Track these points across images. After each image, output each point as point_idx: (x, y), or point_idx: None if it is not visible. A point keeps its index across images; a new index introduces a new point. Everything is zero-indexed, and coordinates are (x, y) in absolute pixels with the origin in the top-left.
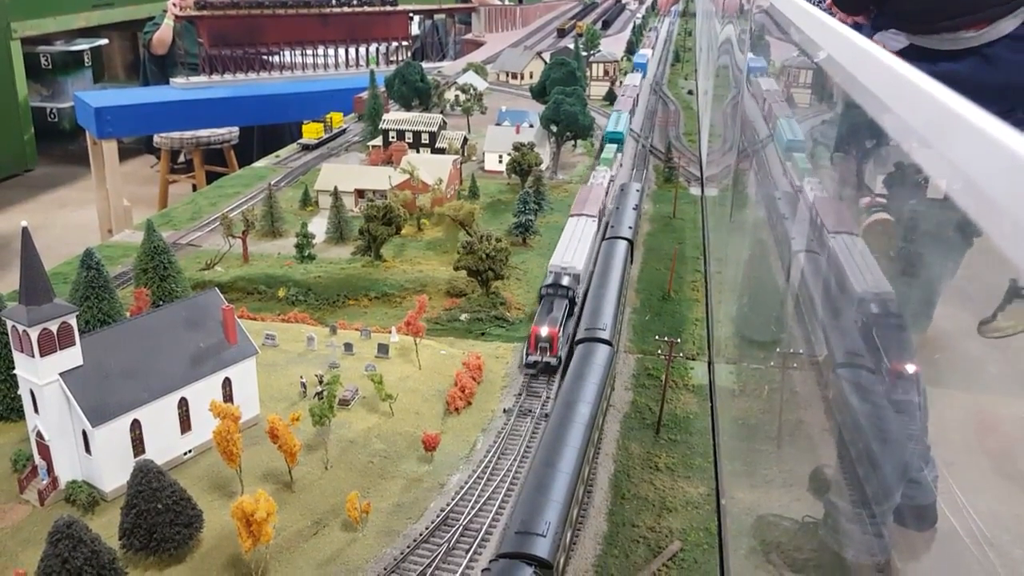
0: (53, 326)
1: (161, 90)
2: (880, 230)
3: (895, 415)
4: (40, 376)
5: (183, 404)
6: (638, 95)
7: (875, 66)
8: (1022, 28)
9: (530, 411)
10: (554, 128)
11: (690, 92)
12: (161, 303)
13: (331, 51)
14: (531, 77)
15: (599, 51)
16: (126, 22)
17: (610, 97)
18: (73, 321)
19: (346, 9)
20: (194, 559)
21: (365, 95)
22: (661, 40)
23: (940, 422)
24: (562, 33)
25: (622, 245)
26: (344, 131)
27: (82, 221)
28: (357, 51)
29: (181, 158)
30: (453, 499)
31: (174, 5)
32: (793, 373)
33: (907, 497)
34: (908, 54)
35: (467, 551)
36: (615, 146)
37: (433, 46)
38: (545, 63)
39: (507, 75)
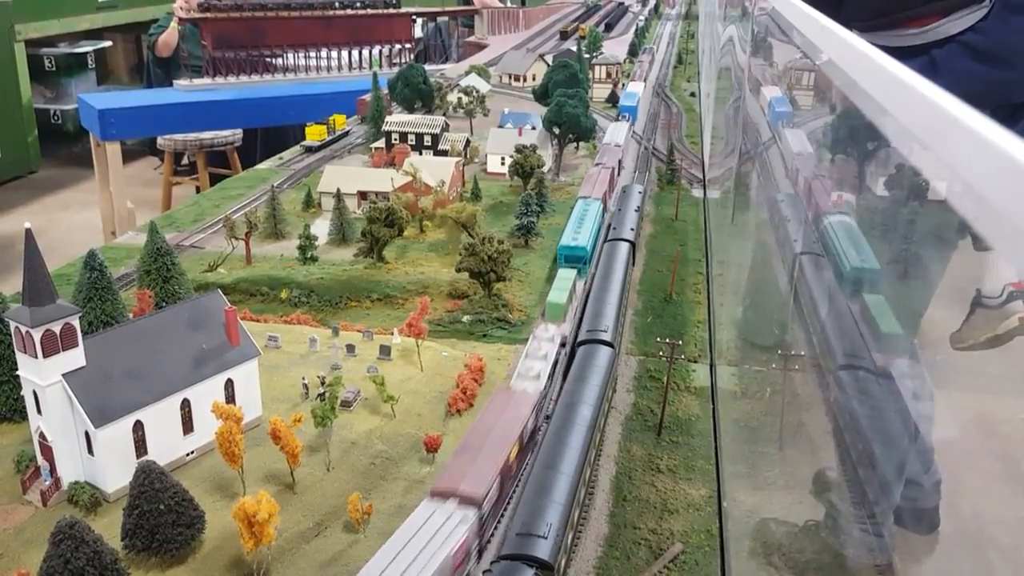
0: (56, 327)
1: (164, 92)
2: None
3: (897, 418)
4: (43, 377)
5: (185, 405)
6: (620, 162)
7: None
8: (971, 36)
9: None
10: (556, 130)
11: (692, 94)
12: (164, 305)
13: (334, 53)
14: (533, 79)
15: (601, 53)
16: (130, 24)
17: (612, 99)
18: (76, 322)
19: (349, 12)
20: (196, 560)
21: (368, 97)
22: (658, 63)
23: (943, 424)
24: (564, 35)
25: (624, 247)
26: (347, 133)
27: (85, 223)
28: (360, 53)
29: (184, 160)
30: None
31: (181, 8)
32: (795, 375)
33: (910, 500)
34: None
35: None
36: (575, 272)
37: (436, 48)
38: (547, 65)
39: (509, 77)
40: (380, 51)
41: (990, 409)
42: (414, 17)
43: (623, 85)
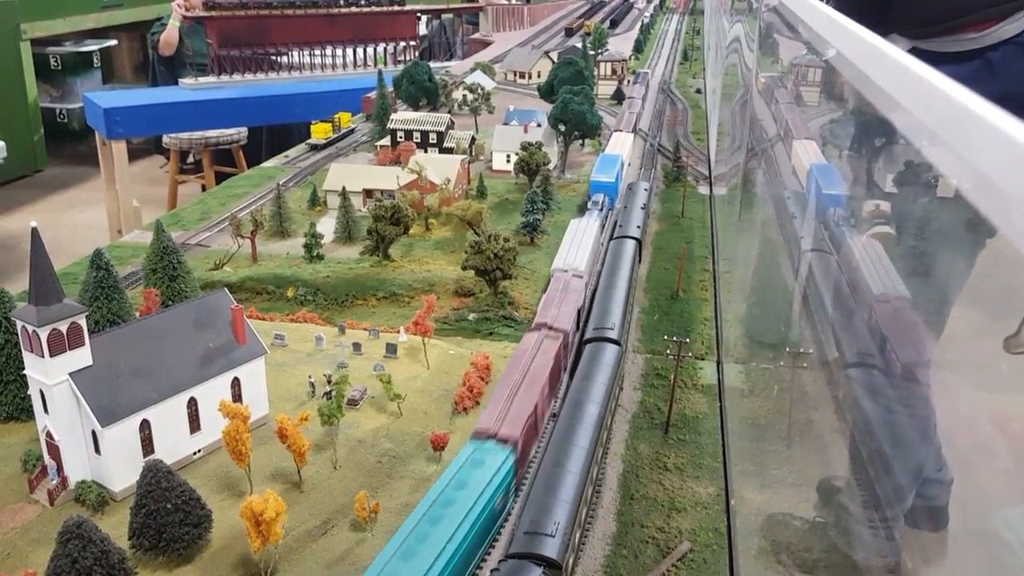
0: (63, 326)
1: (170, 91)
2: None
3: (907, 415)
4: (50, 376)
5: (192, 404)
6: (581, 312)
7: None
8: None
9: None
10: (562, 127)
11: (698, 91)
12: (170, 303)
13: (339, 51)
14: (539, 76)
15: (607, 50)
16: (135, 23)
17: (618, 96)
18: (83, 321)
19: (354, 9)
20: (203, 559)
21: (373, 95)
22: (654, 88)
23: (953, 422)
24: (569, 32)
25: (630, 244)
26: (352, 131)
27: (91, 221)
28: (365, 51)
29: (190, 158)
30: None
31: (179, 6)
32: (803, 373)
33: (919, 498)
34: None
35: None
36: None
37: (441, 46)
38: (553, 62)
39: (514, 74)
40: (385, 49)
41: (1001, 407)
42: (419, 14)
43: (628, 81)
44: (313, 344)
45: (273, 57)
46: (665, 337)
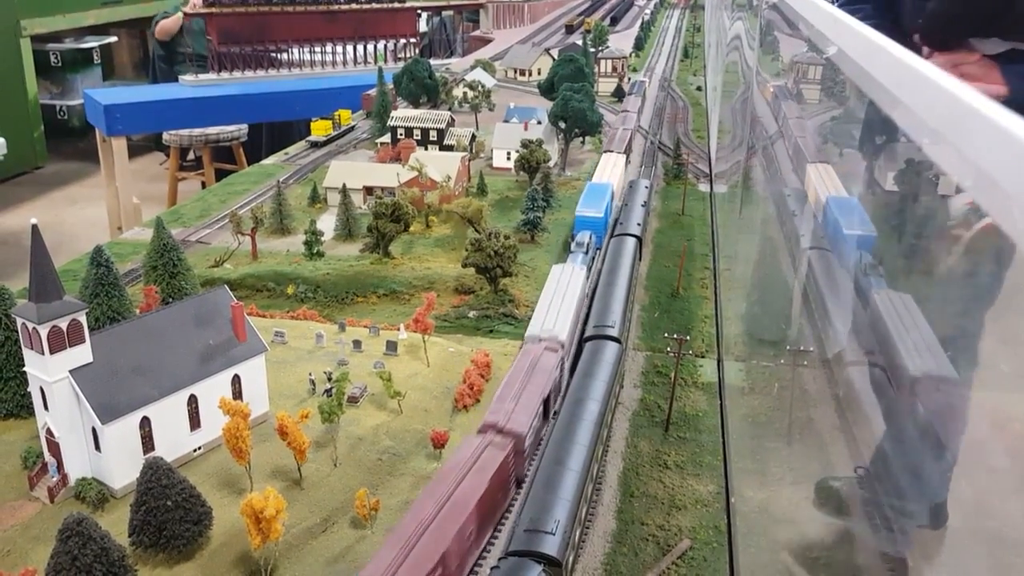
0: (63, 323)
1: (170, 87)
2: (989, 241)
3: (907, 414)
4: (50, 373)
5: (192, 401)
6: (549, 407)
7: (889, 60)
8: None
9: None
10: (562, 125)
11: (699, 88)
12: (170, 300)
13: (339, 48)
14: (539, 74)
15: (607, 47)
16: (135, 19)
17: (618, 93)
18: (83, 318)
19: (354, 6)
20: (203, 556)
21: (373, 92)
22: (651, 99)
23: (953, 421)
24: (570, 29)
25: (631, 242)
26: (352, 128)
27: (92, 218)
28: (365, 48)
29: (190, 155)
30: None
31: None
32: (803, 371)
33: (918, 495)
34: (1009, 55)
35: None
36: None
37: (441, 43)
38: (553, 60)
39: (515, 72)
40: (385, 46)
41: (1001, 406)
42: (419, 11)
43: (628, 78)
44: (313, 341)
45: (273, 54)
46: (665, 335)
